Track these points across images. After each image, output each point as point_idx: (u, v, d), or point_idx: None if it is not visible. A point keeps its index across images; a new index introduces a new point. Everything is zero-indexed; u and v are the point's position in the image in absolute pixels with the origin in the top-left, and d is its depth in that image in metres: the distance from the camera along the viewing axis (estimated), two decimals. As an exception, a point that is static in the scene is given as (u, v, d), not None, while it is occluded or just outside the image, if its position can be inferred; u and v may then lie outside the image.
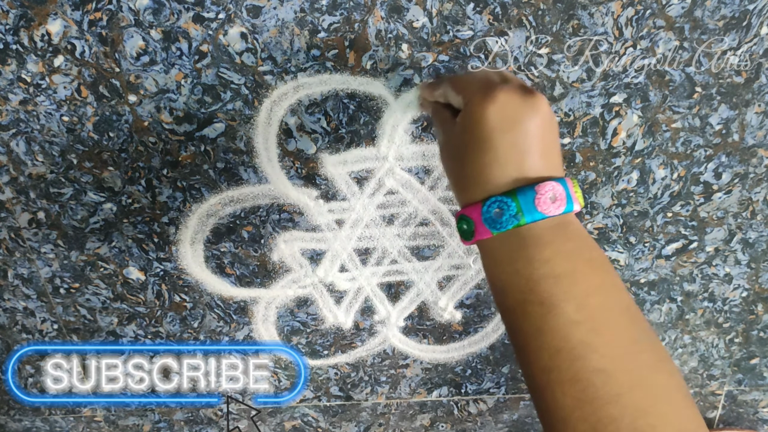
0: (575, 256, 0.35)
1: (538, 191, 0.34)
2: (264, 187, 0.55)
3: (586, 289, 0.34)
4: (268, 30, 0.47)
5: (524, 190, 0.35)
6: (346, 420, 0.75)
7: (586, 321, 0.33)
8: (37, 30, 0.47)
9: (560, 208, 0.35)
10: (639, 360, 0.32)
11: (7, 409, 0.74)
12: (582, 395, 0.31)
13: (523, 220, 0.34)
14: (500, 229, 0.35)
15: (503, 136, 0.35)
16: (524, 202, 0.34)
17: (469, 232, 0.37)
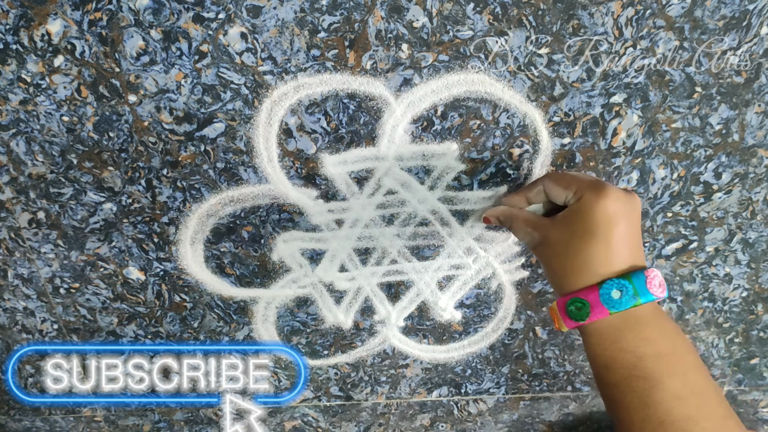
0: (675, 336, 0.40)
1: (648, 276, 0.40)
2: (264, 187, 0.56)
3: (686, 366, 0.39)
4: (268, 30, 0.47)
5: (637, 275, 0.40)
6: (346, 420, 0.75)
7: (689, 396, 0.37)
8: (37, 30, 0.47)
9: (664, 292, 0.40)
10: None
11: (7, 409, 0.74)
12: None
13: (638, 301, 0.39)
14: (619, 309, 0.40)
15: (615, 228, 0.41)
16: (638, 284, 0.39)
17: (583, 314, 0.41)
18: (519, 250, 0.60)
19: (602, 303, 0.40)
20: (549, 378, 0.71)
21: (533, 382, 0.71)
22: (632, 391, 0.38)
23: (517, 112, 0.52)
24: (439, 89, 0.50)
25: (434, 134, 0.53)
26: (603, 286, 0.40)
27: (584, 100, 0.51)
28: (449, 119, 0.52)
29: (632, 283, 0.39)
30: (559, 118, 0.52)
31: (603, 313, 0.40)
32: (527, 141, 0.53)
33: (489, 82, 0.50)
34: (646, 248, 0.61)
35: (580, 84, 0.50)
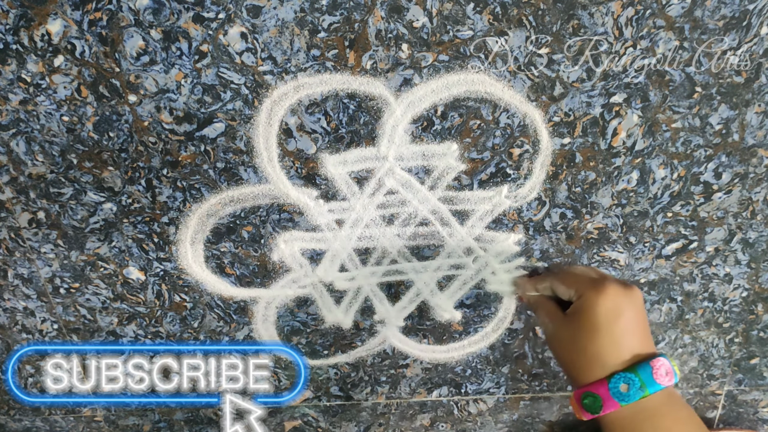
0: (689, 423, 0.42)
1: (653, 366, 0.42)
2: (264, 187, 0.56)
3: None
4: (268, 30, 0.47)
5: (642, 366, 0.42)
6: (346, 420, 0.75)
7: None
8: (37, 30, 0.47)
9: (671, 380, 0.42)
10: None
11: (7, 409, 0.74)
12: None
13: (646, 392, 0.41)
14: (628, 401, 0.41)
15: (616, 322, 0.43)
16: (645, 376, 0.41)
17: (596, 407, 0.43)
18: (519, 250, 0.60)
19: (612, 396, 0.42)
20: (549, 378, 0.71)
21: (533, 382, 0.71)
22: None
23: (517, 112, 0.52)
24: (439, 89, 0.50)
25: (434, 134, 0.53)
26: (611, 380, 0.42)
27: (584, 100, 0.51)
28: (449, 119, 0.52)
29: (638, 375, 0.41)
30: (559, 118, 0.52)
31: (614, 406, 0.42)
32: (527, 141, 0.53)
33: (489, 82, 0.50)
34: (646, 248, 0.61)
35: (580, 84, 0.50)
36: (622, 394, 0.42)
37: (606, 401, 0.42)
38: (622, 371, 0.42)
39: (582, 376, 0.45)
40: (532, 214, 0.58)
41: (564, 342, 0.46)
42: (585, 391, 0.44)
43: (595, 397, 0.43)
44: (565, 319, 0.47)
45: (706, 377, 0.72)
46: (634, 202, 0.57)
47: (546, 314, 0.50)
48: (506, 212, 0.58)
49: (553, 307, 0.50)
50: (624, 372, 0.42)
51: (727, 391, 0.74)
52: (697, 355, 0.70)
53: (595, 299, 0.44)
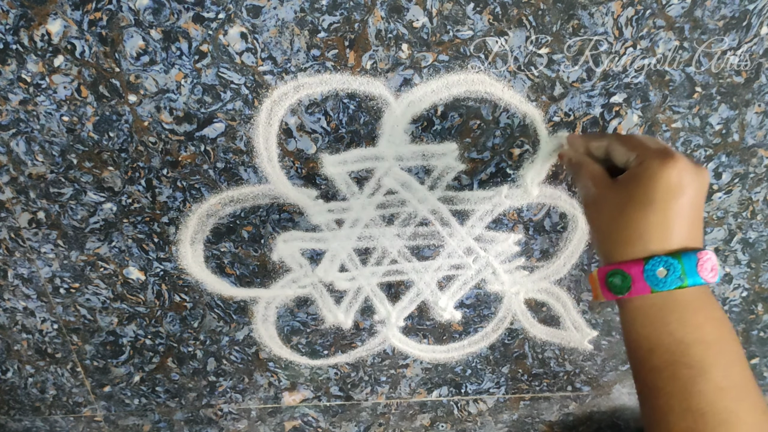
0: (722, 325, 0.38)
1: (700, 258, 0.37)
2: (264, 187, 0.56)
3: (731, 357, 0.37)
4: (268, 30, 0.47)
5: (688, 255, 0.37)
6: (346, 420, 0.75)
7: (731, 388, 0.36)
8: (37, 30, 0.47)
9: (715, 277, 0.38)
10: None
11: (7, 409, 0.74)
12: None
13: (685, 283, 0.37)
14: (662, 288, 0.37)
15: (672, 201, 0.37)
16: (688, 266, 0.37)
17: (623, 287, 0.38)
18: (519, 250, 0.60)
19: (645, 279, 0.37)
20: (549, 378, 0.71)
21: (533, 382, 0.71)
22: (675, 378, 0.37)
23: (517, 112, 0.52)
24: (439, 89, 0.50)
25: (434, 134, 0.53)
26: (649, 261, 0.37)
27: (584, 100, 0.51)
28: (449, 119, 0.52)
29: (681, 263, 0.37)
30: (559, 118, 0.52)
31: (644, 290, 0.38)
32: (527, 141, 0.53)
33: (489, 82, 0.50)
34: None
35: (580, 84, 0.50)
36: (657, 279, 0.37)
37: (636, 283, 0.38)
38: (665, 255, 0.37)
39: (616, 251, 0.39)
40: (532, 214, 0.58)
41: (606, 210, 0.40)
42: (615, 268, 0.39)
43: (625, 277, 0.38)
44: (614, 184, 0.41)
45: (706, 377, 0.72)
46: (634, 202, 0.57)
47: (589, 176, 0.43)
48: (506, 212, 0.58)
49: (599, 170, 0.43)
50: (666, 256, 0.37)
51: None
52: (697, 355, 0.70)
53: (659, 169, 0.37)
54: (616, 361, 0.69)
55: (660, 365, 0.37)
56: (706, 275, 0.37)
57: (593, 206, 0.42)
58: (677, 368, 0.37)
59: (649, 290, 0.37)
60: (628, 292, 0.38)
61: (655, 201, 0.38)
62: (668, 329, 0.37)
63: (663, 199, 0.37)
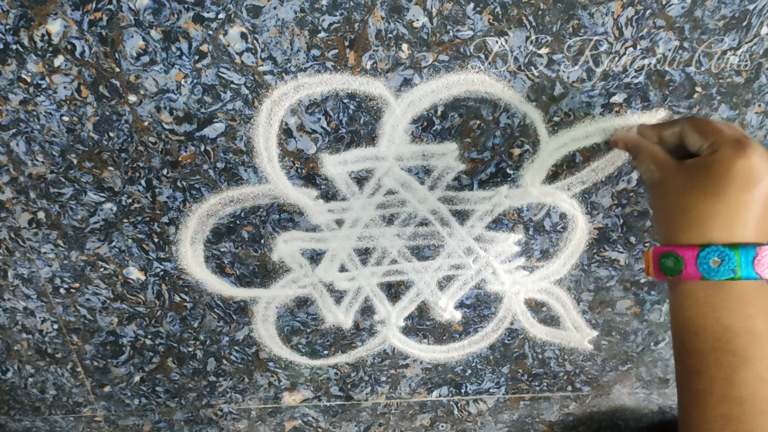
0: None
1: (759, 253, 0.36)
2: (264, 187, 0.56)
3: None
4: (268, 30, 0.47)
5: (746, 248, 0.36)
6: (346, 420, 0.75)
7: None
8: (37, 30, 0.47)
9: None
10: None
11: (7, 409, 0.74)
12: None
13: (738, 275, 0.36)
14: (713, 278, 0.37)
15: (742, 192, 0.37)
16: (744, 259, 0.36)
17: (675, 270, 0.38)
18: (519, 250, 0.60)
19: (697, 266, 0.37)
20: (549, 378, 0.71)
21: (533, 382, 0.71)
22: (719, 364, 0.36)
23: (517, 112, 0.52)
24: (439, 89, 0.50)
25: (434, 134, 0.53)
26: (705, 249, 0.37)
27: (584, 100, 0.51)
28: (449, 119, 0.52)
29: (738, 255, 0.36)
30: (559, 118, 0.52)
31: (695, 276, 0.37)
32: (527, 141, 0.53)
33: (489, 82, 0.50)
34: (646, 248, 0.61)
35: (580, 84, 0.50)
36: (710, 267, 0.36)
37: (688, 268, 0.37)
38: (722, 245, 0.36)
39: (675, 233, 0.39)
40: (532, 214, 0.58)
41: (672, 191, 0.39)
42: (670, 249, 0.38)
43: (678, 260, 0.38)
44: (680, 168, 0.40)
45: (706, 377, 0.72)
46: (634, 202, 0.57)
47: (653, 159, 0.43)
48: (506, 212, 0.58)
49: (663, 154, 0.42)
50: (724, 246, 0.36)
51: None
52: (697, 355, 0.70)
53: (733, 158, 0.36)
54: (616, 361, 0.69)
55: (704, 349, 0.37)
56: (762, 270, 0.36)
57: (658, 188, 0.42)
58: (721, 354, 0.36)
59: (699, 277, 0.37)
60: (678, 275, 0.38)
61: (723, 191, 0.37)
62: (716, 315, 0.37)
63: (732, 191, 0.37)
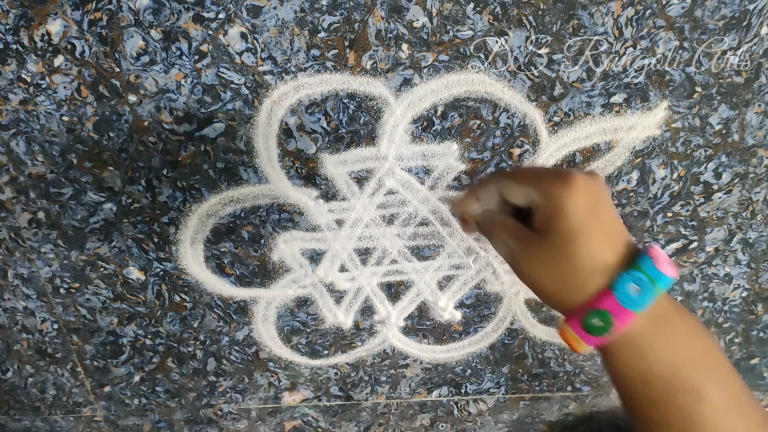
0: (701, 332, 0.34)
1: (652, 255, 0.34)
2: (264, 187, 0.56)
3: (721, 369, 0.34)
4: (268, 30, 0.47)
5: (641, 258, 0.34)
6: (346, 420, 0.75)
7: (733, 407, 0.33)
8: (37, 30, 0.47)
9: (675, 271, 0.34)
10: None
11: (7, 409, 0.74)
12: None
13: (658, 288, 0.33)
14: (643, 306, 0.33)
15: (599, 216, 0.35)
16: (648, 269, 0.33)
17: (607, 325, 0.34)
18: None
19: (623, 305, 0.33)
20: (549, 378, 0.71)
21: (533, 382, 0.71)
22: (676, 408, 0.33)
23: (517, 112, 0.52)
24: (439, 89, 0.50)
25: (434, 134, 0.53)
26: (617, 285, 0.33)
27: (584, 100, 0.51)
28: (449, 119, 0.52)
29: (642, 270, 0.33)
30: (559, 118, 0.52)
31: (628, 316, 0.33)
32: (527, 141, 0.53)
33: (489, 82, 0.50)
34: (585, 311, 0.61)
35: (580, 84, 0.50)
36: (632, 298, 0.33)
37: (617, 314, 0.33)
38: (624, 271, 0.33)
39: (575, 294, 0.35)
40: (532, 214, 0.58)
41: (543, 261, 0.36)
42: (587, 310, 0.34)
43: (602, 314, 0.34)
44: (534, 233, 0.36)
45: (706, 377, 0.72)
46: (634, 202, 0.57)
47: (505, 233, 0.38)
48: (506, 212, 0.58)
49: (511, 222, 0.39)
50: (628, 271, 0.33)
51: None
52: (697, 355, 0.70)
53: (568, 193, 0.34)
54: (616, 361, 0.69)
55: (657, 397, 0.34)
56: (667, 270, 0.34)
57: (524, 264, 0.38)
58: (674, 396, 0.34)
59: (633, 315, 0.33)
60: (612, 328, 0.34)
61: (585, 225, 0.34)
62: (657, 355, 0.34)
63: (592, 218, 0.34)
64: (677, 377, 0.33)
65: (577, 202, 0.34)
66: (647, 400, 0.34)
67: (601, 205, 0.35)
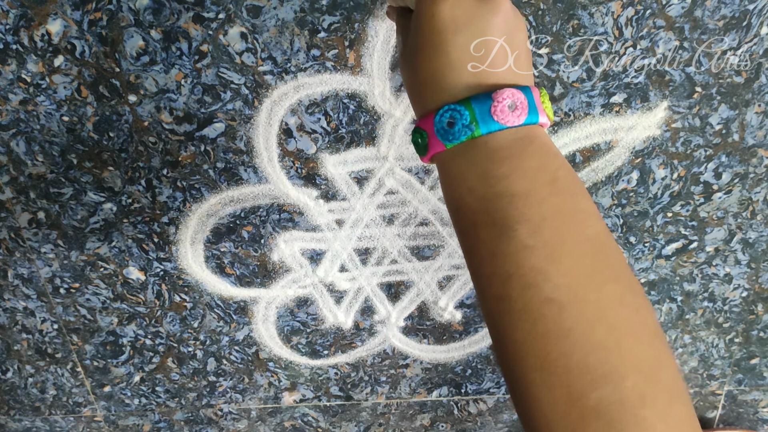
0: (536, 175, 0.31)
1: (495, 98, 0.31)
2: (264, 187, 0.56)
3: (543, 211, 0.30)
4: (268, 30, 0.47)
5: (479, 98, 0.31)
6: (346, 420, 0.75)
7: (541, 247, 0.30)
8: (37, 30, 0.47)
9: (521, 118, 0.31)
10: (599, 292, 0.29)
11: (7, 409, 0.74)
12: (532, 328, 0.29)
13: (477, 131, 0.31)
14: (453, 141, 0.31)
15: (456, 37, 0.31)
16: (479, 110, 0.31)
17: (422, 146, 0.33)
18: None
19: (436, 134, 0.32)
20: (549, 378, 0.71)
21: (533, 382, 0.71)
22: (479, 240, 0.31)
23: (517, 112, 0.52)
24: (439, 89, 0.50)
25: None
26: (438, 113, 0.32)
27: (584, 100, 0.51)
28: (449, 119, 0.52)
29: (470, 108, 0.31)
30: (559, 118, 0.52)
31: (439, 147, 0.32)
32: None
33: (489, 82, 0.50)
34: (646, 248, 0.61)
35: (580, 84, 0.50)
36: (446, 131, 0.31)
37: (431, 140, 0.32)
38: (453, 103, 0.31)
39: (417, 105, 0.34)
40: (532, 214, 0.58)
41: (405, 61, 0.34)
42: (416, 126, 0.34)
43: (421, 134, 0.33)
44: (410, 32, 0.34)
45: (706, 377, 0.72)
46: (634, 202, 0.57)
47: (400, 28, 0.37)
48: (506, 212, 0.58)
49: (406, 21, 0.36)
50: (454, 103, 0.31)
51: (727, 391, 0.74)
52: (697, 355, 0.70)
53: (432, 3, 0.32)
54: (616, 361, 0.69)
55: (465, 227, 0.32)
56: (505, 117, 0.31)
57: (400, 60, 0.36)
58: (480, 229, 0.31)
59: (442, 147, 0.32)
60: (427, 152, 0.33)
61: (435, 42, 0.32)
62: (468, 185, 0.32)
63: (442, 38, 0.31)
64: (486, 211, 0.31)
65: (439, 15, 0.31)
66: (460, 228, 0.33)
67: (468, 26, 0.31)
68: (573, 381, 0.27)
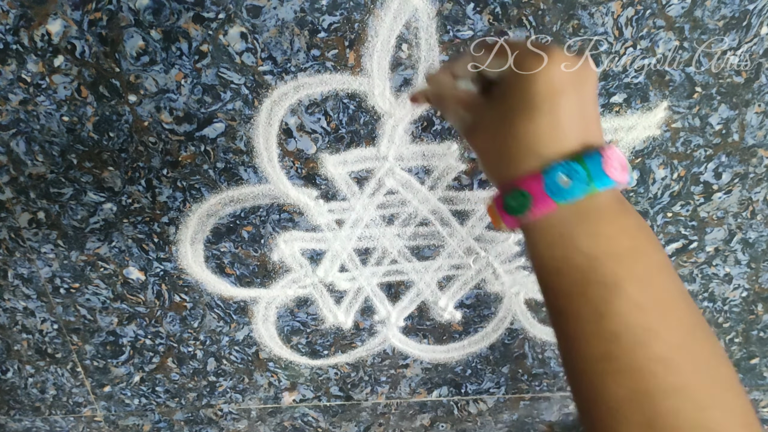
0: (638, 233, 0.32)
1: (605, 155, 0.31)
2: (264, 187, 0.56)
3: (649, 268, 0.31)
4: (268, 30, 0.47)
5: (591, 155, 0.31)
6: (346, 420, 0.75)
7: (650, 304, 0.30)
8: (37, 30, 0.47)
9: (626, 176, 0.32)
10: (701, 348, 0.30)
11: (7, 409, 0.74)
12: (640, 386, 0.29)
13: (593, 187, 0.31)
14: (567, 199, 0.31)
15: (566, 98, 0.32)
16: (593, 167, 0.31)
17: (523, 207, 0.33)
18: (519, 250, 0.60)
19: (547, 192, 0.32)
20: (549, 378, 0.71)
21: (533, 382, 0.71)
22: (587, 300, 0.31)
23: (517, 112, 0.52)
24: (439, 89, 0.50)
25: (434, 134, 0.53)
26: (548, 171, 0.32)
27: (584, 100, 0.51)
28: (449, 119, 0.52)
29: (585, 165, 0.31)
30: (559, 118, 0.52)
31: (549, 205, 0.32)
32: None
33: (489, 82, 0.50)
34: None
35: (580, 84, 0.50)
36: (560, 189, 0.31)
37: (538, 199, 0.32)
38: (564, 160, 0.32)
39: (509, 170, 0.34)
40: (532, 214, 0.58)
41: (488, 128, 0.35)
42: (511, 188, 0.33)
43: (523, 195, 0.32)
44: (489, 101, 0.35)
45: (706, 377, 0.72)
46: (634, 202, 0.57)
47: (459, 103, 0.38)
48: (506, 212, 0.58)
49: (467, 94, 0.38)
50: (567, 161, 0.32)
51: (727, 391, 0.74)
52: (697, 355, 0.70)
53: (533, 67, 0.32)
54: (616, 361, 0.69)
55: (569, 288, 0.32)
56: (616, 174, 0.32)
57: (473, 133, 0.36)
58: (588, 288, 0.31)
59: (554, 205, 0.32)
60: (527, 210, 0.33)
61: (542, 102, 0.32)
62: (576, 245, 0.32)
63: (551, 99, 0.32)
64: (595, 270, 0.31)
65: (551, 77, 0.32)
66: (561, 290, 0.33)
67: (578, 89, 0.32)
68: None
